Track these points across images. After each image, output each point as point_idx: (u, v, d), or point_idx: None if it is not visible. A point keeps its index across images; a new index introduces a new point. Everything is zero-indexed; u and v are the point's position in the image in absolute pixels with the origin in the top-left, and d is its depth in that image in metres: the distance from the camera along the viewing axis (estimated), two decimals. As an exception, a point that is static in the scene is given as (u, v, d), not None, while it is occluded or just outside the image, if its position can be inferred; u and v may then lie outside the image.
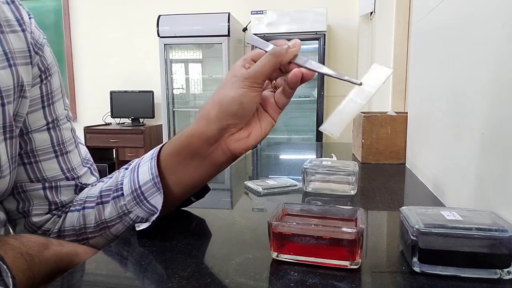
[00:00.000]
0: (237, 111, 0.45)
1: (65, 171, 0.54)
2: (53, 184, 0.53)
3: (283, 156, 1.44)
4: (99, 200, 0.52)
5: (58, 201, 0.54)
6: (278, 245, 0.45)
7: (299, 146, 1.76)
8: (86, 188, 0.57)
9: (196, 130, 0.46)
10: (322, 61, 3.10)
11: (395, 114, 1.12)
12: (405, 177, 0.96)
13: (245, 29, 3.46)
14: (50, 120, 0.52)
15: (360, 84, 0.45)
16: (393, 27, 2.14)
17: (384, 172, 0.98)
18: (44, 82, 0.52)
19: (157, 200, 0.49)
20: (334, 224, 0.48)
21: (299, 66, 0.45)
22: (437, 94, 0.80)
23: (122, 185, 0.51)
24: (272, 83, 0.50)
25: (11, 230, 0.59)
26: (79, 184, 0.56)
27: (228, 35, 3.21)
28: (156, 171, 0.48)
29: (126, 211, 0.51)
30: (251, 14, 3.18)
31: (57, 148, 0.53)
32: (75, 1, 4.05)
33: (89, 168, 0.59)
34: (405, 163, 1.08)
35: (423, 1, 0.96)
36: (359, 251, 0.42)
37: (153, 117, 3.71)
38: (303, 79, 0.45)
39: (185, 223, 0.61)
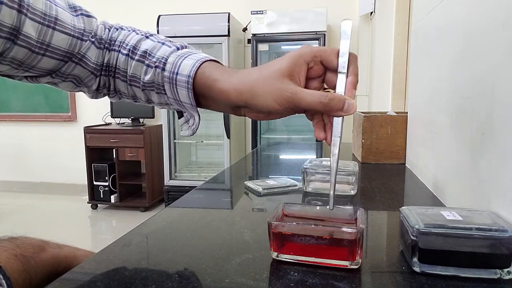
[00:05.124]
0: (262, 111, 0.46)
1: (71, 33, 0.50)
2: (78, 55, 0.51)
3: (283, 156, 1.44)
4: (142, 59, 0.52)
5: (95, 63, 0.53)
6: (278, 245, 0.45)
7: (299, 146, 1.75)
8: (111, 31, 0.55)
9: (227, 92, 0.46)
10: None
11: (395, 114, 1.12)
12: (405, 177, 0.96)
13: (245, 29, 3.45)
14: (17, 7, 0.44)
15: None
16: (393, 27, 2.14)
17: (384, 172, 0.98)
18: None
19: (195, 117, 0.53)
20: (334, 224, 0.48)
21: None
22: (437, 94, 0.79)
23: (163, 79, 0.51)
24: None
25: None
26: (93, 39, 0.53)
27: (228, 35, 3.20)
28: (194, 101, 0.50)
29: (163, 91, 0.52)
30: (251, 14, 3.17)
31: (45, 22, 0.47)
32: (75, 1, 4.06)
33: (81, 14, 0.54)
34: (405, 163, 1.08)
35: (423, 1, 0.96)
36: (359, 251, 0.42)
37: (153, 117, 3.71)
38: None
39: (185, 224, 0.61)
